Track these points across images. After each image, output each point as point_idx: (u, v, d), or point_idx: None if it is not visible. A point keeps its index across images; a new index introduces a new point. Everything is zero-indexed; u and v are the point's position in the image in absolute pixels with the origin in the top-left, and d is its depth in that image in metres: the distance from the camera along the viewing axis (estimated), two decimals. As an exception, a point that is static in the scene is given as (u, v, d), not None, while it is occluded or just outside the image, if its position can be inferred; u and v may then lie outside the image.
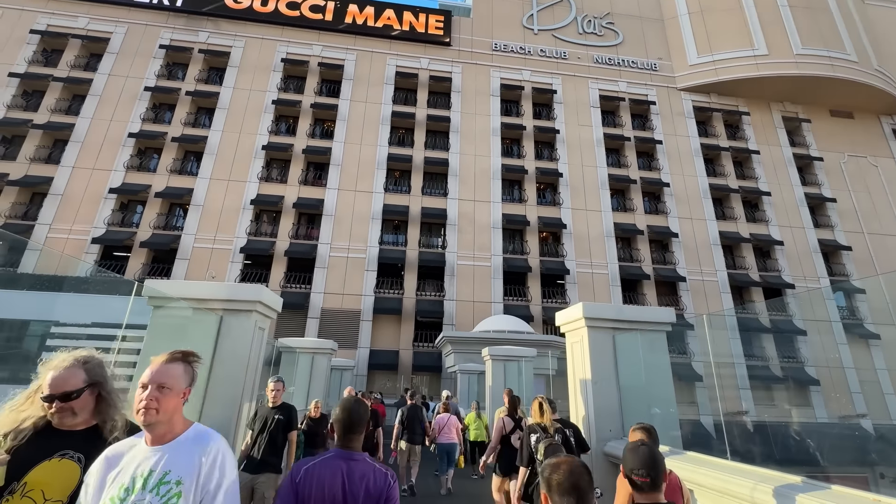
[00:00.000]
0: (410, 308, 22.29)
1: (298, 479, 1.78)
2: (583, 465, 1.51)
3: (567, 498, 1.42)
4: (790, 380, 22.90)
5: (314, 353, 9.04)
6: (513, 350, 9.68)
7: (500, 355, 9.64)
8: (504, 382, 9.48)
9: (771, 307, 24.91)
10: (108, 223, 21.93)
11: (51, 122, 23.42)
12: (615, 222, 25.64)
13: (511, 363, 9.60)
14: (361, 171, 24.83)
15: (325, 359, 9.06)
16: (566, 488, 1.42)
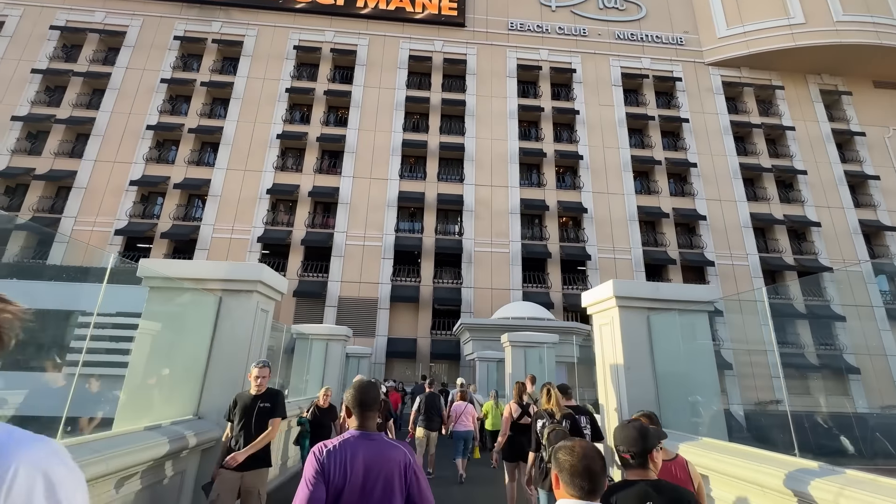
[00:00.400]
0: (427, 296, 22.02)
1: (323, 460, 1.72)
2: (596, 450, 1.47)
3: (577, 480, 1.39)
4: (827, 368, 21.75)
5: (328, 340, 8.82)
6: (534, 336, 9.24)
7: (521, 341, 9.22)
8: (524, 370, 9.07)
9: (806, 291, 23.62)
10: (130, 215, 22.30)
11: (73, 116, 23.83)
12: (639, 205, 24.65)
13: (532, 350, 9.17)
14: (376, 158, 24.49)
15: (339, 346, 8.83)
16: (578, 471, 1.39)
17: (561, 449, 1.48)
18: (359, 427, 1.87)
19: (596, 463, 1.41)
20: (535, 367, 9.14)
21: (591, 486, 1.38)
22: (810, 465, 2.58)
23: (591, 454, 1.43)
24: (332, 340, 8.84)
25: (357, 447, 1.77)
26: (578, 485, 1.39)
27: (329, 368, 8.68)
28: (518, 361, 9.10)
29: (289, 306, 21.34)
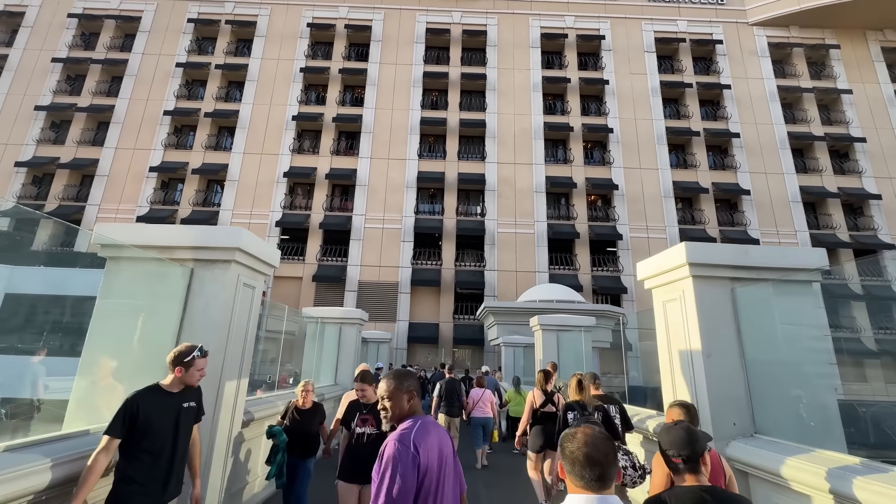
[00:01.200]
0: (449, 279, 21.24)
1: (412, 449, 1.67)
2: (603, 436, 1.35)
3: (578, 469, 1.30)
4: (888, 354, 19.86)
5: (342, 324, 8.13)
6: (568, 319, 8.30)
7: (553, 324, 8.29)
8: (557, 356, 8.16)
9: (863, 270, 21.56)
10: (151, 202, 22.29)
11: (93, 104, 23.86)
12: (674, 181, 22.94)
13: (566, 334, 8.24)
14: (394, 138, 23.60)
15: (353, 330, 8.14)
16: (578, 459, 1.30)
17: (566, 437, 1.39)
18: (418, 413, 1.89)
19: (599, 450, 1.31)
20: (570, 353, 8.22)
21: (594, 475, 1.28)
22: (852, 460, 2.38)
23: (594, 441, 1.33)
24: (346, 324, 8.16)
25: (433, 429, 1.81)
26: (580, 474, 1.30)
27: (343, 355, 8.02)
28: (550, 347, 8.19)
29: (308, 292, 21.00)
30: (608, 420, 3.61)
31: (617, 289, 20.95)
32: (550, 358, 8.16)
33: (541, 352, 8.25)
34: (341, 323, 8.15)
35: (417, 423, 1.79)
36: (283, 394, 5.63)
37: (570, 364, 8.10)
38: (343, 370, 7.90)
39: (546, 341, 8.23)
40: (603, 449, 1.31)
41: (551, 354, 8.17)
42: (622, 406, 3.92)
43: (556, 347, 8.17)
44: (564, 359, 8.09)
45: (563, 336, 8.24)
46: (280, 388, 13.13)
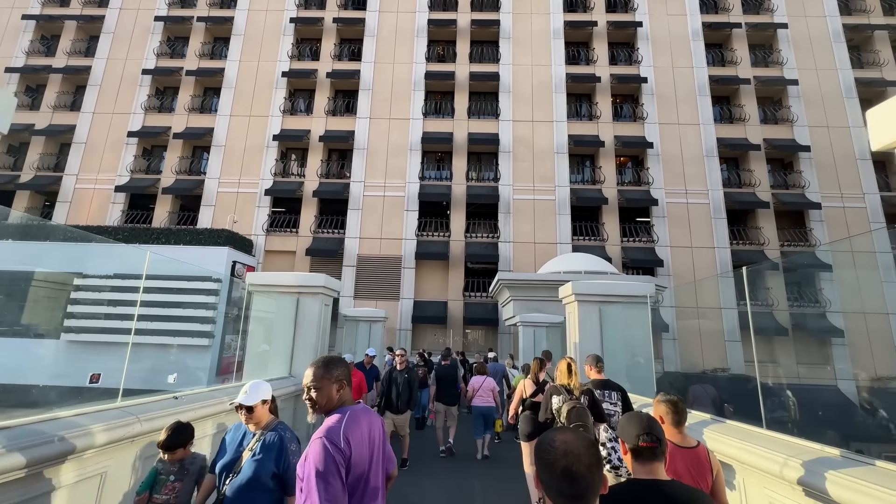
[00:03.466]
0: (459, 252, 18.86)
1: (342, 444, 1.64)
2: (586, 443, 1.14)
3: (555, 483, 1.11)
4: None
5: (298, 294, 5.88)
6: (617, 286, 5.85)
7: (594, 294, 5.86)
8: (600, 337, 5.77)
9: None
10: (132, 170, 20.35)
11: (69, 65, 21.85)
12: (718, 137, 19.83)
13: (612, 307, 5.81)
14: (396, 95, 20.98)
15: (316, 303, 5.88)
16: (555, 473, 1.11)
17: (540, 442, 1.19)
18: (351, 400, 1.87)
19: (580, 462, 1.10)
20: (617, 333, 5.82)
21: (571, 491, 1.08)
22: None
23: (575, 450, 1.12)
24: (305, 294, 5.90)
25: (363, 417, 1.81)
26: (557, 489, 1.10)
27: (302, 337, 5.78)
28: (590, 323, 5.79)
29: (302, 267, 18.93)
30: (595, 406, 3.51)
31: (651, 262, 18.26)
32: (590, 340, 5.80)
33: (576, 331, 5.86)
34: (298, 293, 5.90)
35: (346, 414, 1.74)
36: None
37: (617, 349, 5.72)
38: (301, 357, 5.68)
39: (584, 317, 5.83)
40: (585, 460, 1.11)
41: (591, 334, 5.78)
42: (624, 392, 3.82)
43: (598, 325, 5.77)
44: (611, 341, 5.70)
45: (608, 311, 5.82)
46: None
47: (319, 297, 6.01)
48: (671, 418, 2.35)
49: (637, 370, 5.68)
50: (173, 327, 14.02)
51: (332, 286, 6.27)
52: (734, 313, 17.80)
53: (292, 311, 5.89)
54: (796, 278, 18.34)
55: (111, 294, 15.50)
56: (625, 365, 5.71)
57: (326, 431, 1.64)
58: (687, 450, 2.27)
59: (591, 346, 5.78)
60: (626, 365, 5.71)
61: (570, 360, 3.88)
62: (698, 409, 4.27)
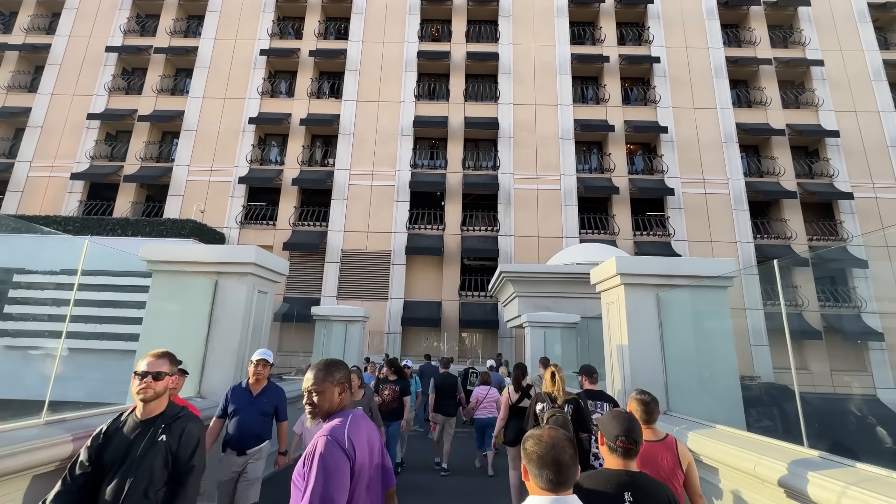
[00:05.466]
0: (454, 247, 17.00)
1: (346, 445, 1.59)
2: (566, 438, 1.37)
3: (545, 471, 1.30)
4: None
5: (217, 275, 3.99)
6: (683, 264, 3.98)
7: (651, 275, 3.98)
8: (660, 335, 3.90)
9: None
10: (91, 156, 18.35)
11: (26, 42, 19.89)
12: (738, 122, 18.17)
13: (677, 293, 3.95)
14: (386, 76, 19.18)
15: (242, 287, 3.98)
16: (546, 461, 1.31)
17: (529, 438, 1.39)
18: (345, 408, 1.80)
19: (565, 452, 1.32)
20: (685, 330, 3.94)
21: (559, 478, 1.29)
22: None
23: (561, 443, 1.34)
24: (226, 275, 4.00)
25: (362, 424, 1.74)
26: (546, 476, 1.29)
27: (220, 338, 3.86)
28: (644, 317, 3.92)
29: (280, 263, 16.94)
30: (579, 414, 3.45)
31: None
32: (645, 341, 3.93)
33: (622, 329, 3.99)
34: (216, 273, 4.00)
35: (349, 417, 1.70)
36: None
37: (685, 354, 3.87)
38: (218, 368, 3.76)
39: (636, 308, 3.95)
40: (569, 451, 1.32)
41: (646, 334, 3.90)
42: (616, 403, 3.67)
43: (655, 320, 3.89)
44: (676, 342, 3.85)
45: (671, 299, 3.95)
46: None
47: (248, 279, 4.11)
48: (641, 416, 2.44)
49: (714, 384, 3.81)
50: (119, 330, 12.00)
51: (270, 265, 4.37)
52: (759, 314, 16.08)
53: (206, 301, 3.98)
54: (827, 275, 16.62)
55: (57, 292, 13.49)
56: (697, 376, 3.84)
57: (331, 430, 1.61)
58: (654, 443, 2.39)
59: (647, 349, 3.91)
60: (701, 376, 3.83)
61: (554, 368, 3.82)
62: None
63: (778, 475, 2.33)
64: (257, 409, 3.40)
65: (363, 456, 1.61)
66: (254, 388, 3.45)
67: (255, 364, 3.43)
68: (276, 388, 3.56)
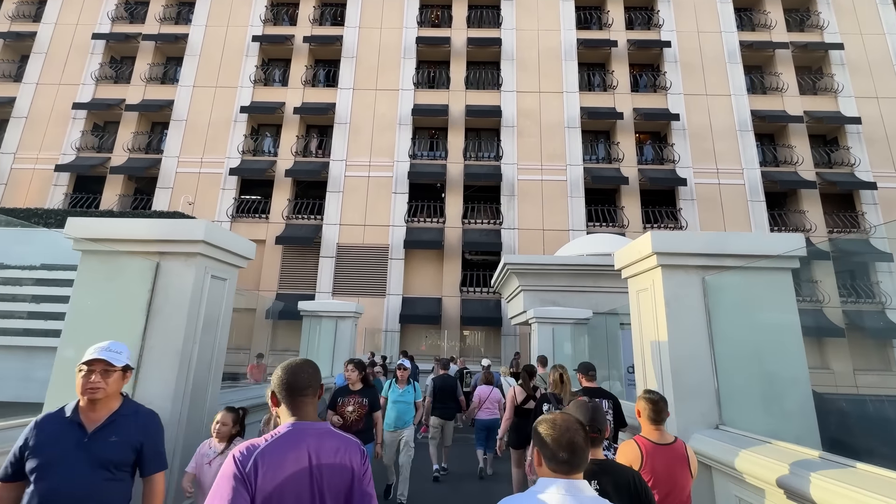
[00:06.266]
0: (455, 241, 16.21)
1: (248, 468, 1.26)
2: (577, 422, 1.38)
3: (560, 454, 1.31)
4: None
5: (160, 256, 3.21)
6: (733, 240, 3.20)
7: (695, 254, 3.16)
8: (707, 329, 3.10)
9: None
10: (78, 147, 17.64)
11: (11, 30, 19.18)
12: (752, 109, 17.30)
13: (728, 277, 3.15)
14: (383, 64, 18.38)
15: (188, 271, 3.21)
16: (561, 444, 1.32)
17: (541, 422, 1.39)
18: (292, 419, 1.42)
19: (578, 435, 1.34)
20: (740, 324, 3.14)
21: (574, 460, 1.31)
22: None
23: (574, 426, 1.35)
24: (170, 257, 3.24)
25: (295, 441, 1.34)
26: (550, 456, 1.32)
27: (160, 334, 3.10)
28: (686, 306, 3.13)
29: (273, 258, 16.25)
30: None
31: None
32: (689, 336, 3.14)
33: (659, 322, 3.19)
34: (158, 254, 3.23)
35: (282, 433, 1.37)
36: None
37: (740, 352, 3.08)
38: (156, 371, 3.00)
39: (675, 295, 3.16)
40: (582, 434, 1.34)
41: (690, 327, 3.11)
42: (616, 401, 3.69)
43: (701, 310, 3.08)
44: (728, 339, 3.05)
45: (720, 285, 3.15)
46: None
47: (198, 261, 3.33)
48: (649, 415, 2.39)
49: (780, 392, 3.01)
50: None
51: (227, 244, 3.58)
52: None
53: (144, 288, 3.21)
54: (848, 269, 15.75)
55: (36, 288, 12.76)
56: (757, 381, 3.04)
57: (241, 446, 1.33)
58: (664, 446, 2.33)
59: (691, 346, 3.13)
60: (762, 381, 3.04)
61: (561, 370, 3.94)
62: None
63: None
64: (92, 458, 1.75)
65: (278, 484, 1.26)
66: (88, 418, 1.81)
67: (87, 372, 1.81)
68: (137, 414, 1.94)
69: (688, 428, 2.98)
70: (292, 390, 1.44)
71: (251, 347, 15.14)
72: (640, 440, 2.36)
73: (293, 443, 1.34)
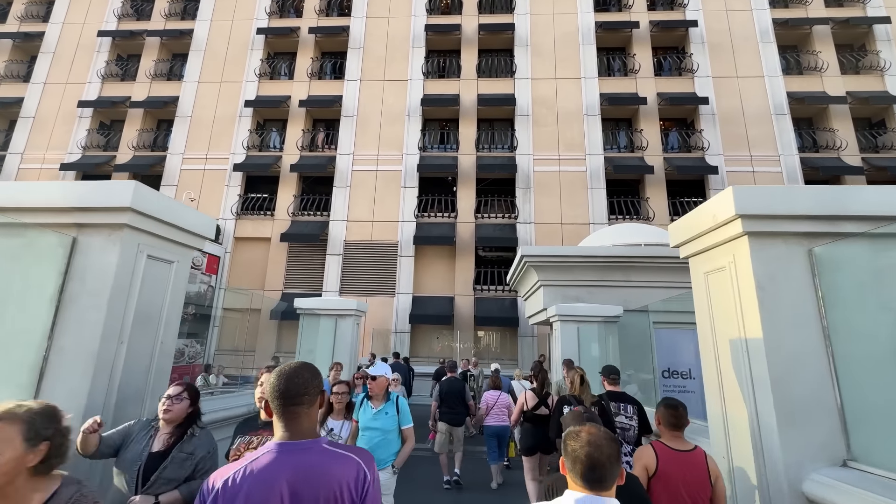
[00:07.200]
0: (468, 236, 15.34)
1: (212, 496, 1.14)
2: (608, 437, 1.30)
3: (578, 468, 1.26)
4: None
5: (77, 230, 2.44)
6: (852, 197, 2.31)
7: (797, 218, 2.23)
8: (819, 325, 2.14)
9: None
10: (83, 146, 17.38)
11: (20, 31, 19.12)
12: (788, 91, 15.99)
13: (852, 251, 2.24)
14: (391, 54, 17.66)
15: (112, 249, 2.46)
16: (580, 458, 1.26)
17: (569, 434, 1.35)
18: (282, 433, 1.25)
19: (601, 451, 1.25)
20: (875, 309, 2.18)
21: (594, 476, 1.23)
22: None
23: (598, 441, 1.27)
24: (90, 230, 2.48)
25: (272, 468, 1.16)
26: (580, 473, 1.25)
27: (72, 329, 2.33)
28: (787, 289, 2.19)
29: (279, 256, 15.63)
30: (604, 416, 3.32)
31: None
32: (790, 327, 2.16)
33: (750, 310, 2.28)
34: (76, 227, 2.45)
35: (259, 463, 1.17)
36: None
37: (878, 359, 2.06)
38: (65, 373, 2.20)
39: (770, 276, 2.24)
40: (606, 450, 1.27)
41: (796, 315, 2.16)
42: (641, 406, 3.61)
43: (809, 294, 2.15)
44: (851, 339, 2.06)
45: (836, 260, 2.22)
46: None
47: (126, 236, 2.55)
48: (668, 421, 2.32)
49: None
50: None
51: (169, 216, 2.80)
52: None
53: (55, 271, 2.44)
54: None
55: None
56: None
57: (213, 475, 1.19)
58: (683, 453, 2.25)
59: (796, 345, 2.20)
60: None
61: (581, 371, 3.85)
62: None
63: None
64: None
65: None
66: None
67: None
68: None
69: (801, 466, 2.05)
70: (285, 398, 1.28)
71: (256, 350, 14.54)
72: (656, 445, 2.30)
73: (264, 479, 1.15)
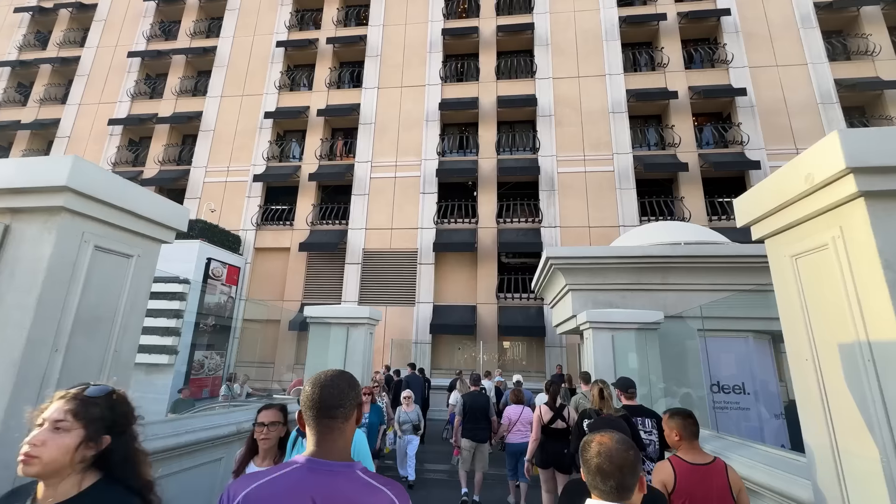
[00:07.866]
0: (490, 242, 14.73)
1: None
2: (621, 445, 1.24)
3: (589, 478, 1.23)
4: None
5: (12, 217, 2.08)
6: None
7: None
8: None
9: None
10: (113, 162, 17.93)
11: (59, 56, 20.11)
12: (836, 78, 14.75)
13: None
14: (409, 60, 17.49)
15: (49, 237, 2.05)
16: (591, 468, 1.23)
17: (587, 444, 1.30)
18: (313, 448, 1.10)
19: (612, 461, 1.20)
20: None
21: (609, 485, 1.19)
22: None
23: (608, 450, 1.22)
24: (25, 216, 2.06)
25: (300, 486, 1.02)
26: (594, 484, 1.22)
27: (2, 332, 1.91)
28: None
29: (298, 265, 15.46)
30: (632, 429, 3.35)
31: (748, 244, 13.26)
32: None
33: (875, 303, 1.64)
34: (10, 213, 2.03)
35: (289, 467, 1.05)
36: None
37: None
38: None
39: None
40: (617, 460, 1.21)
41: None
42: (660, 420, 3.17)
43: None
44: None
45: None
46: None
47: (65, 222, 2.13)
48: (681, 433, 2.28)
49: None
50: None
51: (125, 202, 2.37)
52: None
53: None
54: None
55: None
56: None
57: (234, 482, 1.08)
58: (702, 466, 2.19)
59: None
60: None
61: (601, 384, 3.71)
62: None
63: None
64: None
65: None
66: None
67: None
68: None
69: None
70: (318, 409, 1.12)
71: (275, 361, 14.29)
72: (674, 460, 2.24)
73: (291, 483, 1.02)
